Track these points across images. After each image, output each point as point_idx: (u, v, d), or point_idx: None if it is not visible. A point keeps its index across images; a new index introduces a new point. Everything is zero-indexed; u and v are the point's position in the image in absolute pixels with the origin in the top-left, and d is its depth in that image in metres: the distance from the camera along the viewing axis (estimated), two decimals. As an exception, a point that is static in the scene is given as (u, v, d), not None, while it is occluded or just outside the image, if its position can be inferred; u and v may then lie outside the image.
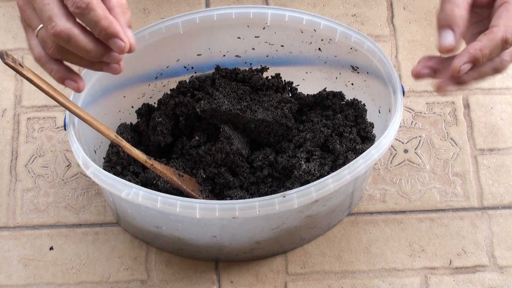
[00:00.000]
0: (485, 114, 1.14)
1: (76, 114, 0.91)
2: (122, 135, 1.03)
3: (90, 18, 0.79)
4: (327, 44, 1.03)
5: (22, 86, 1.15)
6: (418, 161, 1.11)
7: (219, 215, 0.89)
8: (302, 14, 1.01)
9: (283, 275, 1.04)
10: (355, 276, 1.04)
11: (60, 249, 1.05)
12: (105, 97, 1.01)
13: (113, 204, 1.00)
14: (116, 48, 0.81)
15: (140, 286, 1.03)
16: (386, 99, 0.99)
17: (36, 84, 0.87)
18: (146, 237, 1.03)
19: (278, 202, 0.89)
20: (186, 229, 0.97)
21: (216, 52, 1.05)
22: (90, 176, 0.91)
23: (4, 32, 1.19)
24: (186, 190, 0.97)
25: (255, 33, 1.03)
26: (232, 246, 1.00)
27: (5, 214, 1.07)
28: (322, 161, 1.00)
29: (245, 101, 1.03)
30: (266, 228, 0.97)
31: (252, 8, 1.01)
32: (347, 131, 1.02)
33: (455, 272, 1.04)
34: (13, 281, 1.03)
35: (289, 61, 1.07)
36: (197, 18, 1.00)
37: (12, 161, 1.10)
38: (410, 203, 1.08)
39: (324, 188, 0.90)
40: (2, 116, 1.13)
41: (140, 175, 1.02)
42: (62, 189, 1.09)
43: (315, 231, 1.03)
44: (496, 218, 1.08)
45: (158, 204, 0.89)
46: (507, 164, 1.11)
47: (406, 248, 1.06)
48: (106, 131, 0.92)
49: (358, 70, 1.04)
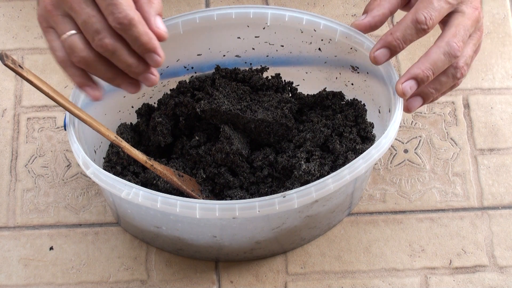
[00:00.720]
0: (485, 114, 1.14)
1: (76, 115, 0.91)
2: (122, 135, 1.03)
3: (131, 33, 0.83)
4: (327, 44, 1.03)
5: (22, 86, 1.15)
6: (418, 161, 1.11)
7: (219, 215, 0.89)
8: (302, 14, 1.01)
9: (283, 275, 1.04)
10: (355, 276, 1.04)
11: (60, 249, 1.05)
12: (105, 97, 1.00)
13: (113, 204, 1.00)
14: (152, 62, 0.85)
15: (140, 286, 1.03)
16: (386, 99, 0.99)
17: (36, 85, 0.87)
18: (146, 237, 1.03)
19: (278, 202, 0.89)
20: (186, 229, 0.97)
21: (216, 52, 1.05)
22: (90, 176, 0.91)
23: (4, 32, 1.19)
24: (186, 190, 0.97)
25: (255, 33, 1.03)
26: (232, 246, 1.01)
27: (5, 214, 1.07)
28: (322, 161, 1.00)
29: (245, 101, 1.03)
30: (266, 228, 0.97)
31: (252, 8, 1.01)
32: (347, 131, 1.02)
33: (455, 272, 1.04)
34: (13, 281, 1.03)
35: (289, 61, 1.07)
36: (197, 18, 1.00)
37: (12, 161, 1.10)
38: (410, 203, 1.08)
39: (324, 188, 0.90)
40: (2, 116, 1.13)
41: (140, 175, 1.02)
42: (62, 189, 1.09)
43: (315, 231, 1.03)
44: (496, 218, 1.08)
45: (158, 204, 0.89)
46: (507, 164, 1.11)
47: (406, 248, 1.06)
48: (106, 131, 0.92)
49: (358, 70, 1.04)
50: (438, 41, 0.93)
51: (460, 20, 0.94)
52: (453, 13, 0.95)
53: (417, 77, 0.92)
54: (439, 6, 0.93)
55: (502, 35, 1.20)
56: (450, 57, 0.93)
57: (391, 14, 0.98)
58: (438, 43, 0.93)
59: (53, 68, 1.16)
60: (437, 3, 0.93)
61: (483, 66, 1.18)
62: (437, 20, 0.93)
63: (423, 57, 0.93)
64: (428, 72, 0.92)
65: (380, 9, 0.97)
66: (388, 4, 0.97)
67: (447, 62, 0.93)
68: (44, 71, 1.16)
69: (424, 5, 0.93)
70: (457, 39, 0.93)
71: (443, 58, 0.92)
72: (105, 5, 0.82)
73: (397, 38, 0.93)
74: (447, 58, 0.93)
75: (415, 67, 0.93)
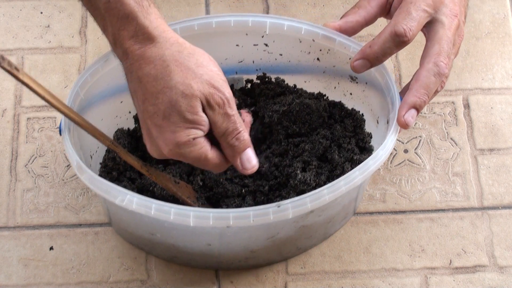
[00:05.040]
0: (485, 114, 1.14)
1: (72, 119, 0.90)
2: (119, 140, 1.03)
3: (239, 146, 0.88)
4: (326, 54, 1.03)
5: (22, 86, 1.15)
6: (418, 161, 1.11)
7: (213, 224, 0.89)
8: (300, 24, 1.01)
9: (283, 275, 1.04)
10: (355, 276, 1.04)
11: (60, 249, 1.05)
12: (102, 102, 1.01)
13: (108, 210, 1.00)
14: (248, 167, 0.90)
15: (140, 286, 1.03)
16: (384, 110, 0.99)
17: (32, 88, 0.87)
18: (140, 243, 1.03)
19: (272, 212, 0.89)
20: (181, 236, 0.96)
21: (215, 59, 1.05)
22: (85, 182, 0.91)
23: (4, 32, 1.19)
24: (182, 198, 0.97)
25: (254, 41, 1.03)
26: (227, 255, 1.00)
27: (5, 214, 1.07)
28: (318, 171, 1.00)
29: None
30: (261, 237, 0.96)
31: (251, 16, 1.01)
32: (346, 141, 1.02)
33: (455, 272, 1.04)
34: (13, 281, 1.03)
35: (288, 69, 1.07)
36: (196, 25, 1.00)
37: (12, 161, 1.10)
38: (410, 203, 1.08)
39: (320, 199, 0.90)
40: (2, 116, 1.13)
41: (136, 181, 1.01)
42: (62, 189, 1.09)
43: (311, 241, 1.03)
44: (496, 218, 1.08)
45: (152, 211, 0.89)
46: (507, 164, 1.11)
47: (406, 248, 1.06)
48: (102, 136, 0.92)
49: (356, 80, 1.04)
50: (425, 62, 0.95)
51: (441, 33, 0.95)
52: (433, 24, 0.96)
53: (416, 105, 0.94)
54: (418, 16, 0.94)
55: (502, 35, 1.20)
56: (440, 76, 0.94)
57: (367, 24, 0.99)
58: (425, 65, 0.94)
59: (53, 68, 1.16)
60: (415, 13, 0.94)
61: (483, 66, 1.18)
62: (417, 31, 0.94)
63: (416, 84, 0.94)
64: (424, 97, 0.94)
65: (355, 16, 0.98)
66: (364, 13, 0.98)
67: (439, 82, 0.95)
68: (44, 71, 1.16)
69: (403, 17, 0.94)
70: (443, 56, 0.94)
71: (434, 80, 0.94)
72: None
73: (375, 52, 0.95)
74: (438, 78, 0.94)
75: (411, 96, 0.94)
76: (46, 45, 1.18)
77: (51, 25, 1.20)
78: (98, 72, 0.97)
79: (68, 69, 1.16)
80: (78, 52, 1.18)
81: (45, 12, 1.21)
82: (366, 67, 0.96)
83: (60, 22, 1.20)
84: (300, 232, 0.98)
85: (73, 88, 0.96)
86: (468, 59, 1.18)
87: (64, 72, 1.16)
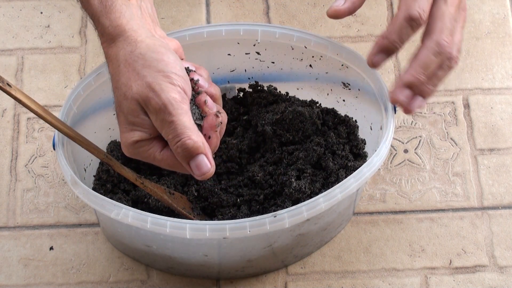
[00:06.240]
0: (485, 114, 1.14)
1: (65, 133, 0.90)
2: (113, 152, 1.03)
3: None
4: (318, 60, 1.03)
5: (22, 86, 1.15)
6: (418, 161, 1.11)
7: (210, 236, 0.89)
8: (292, 31, 1.01)
9: (283, 275, 1.04)
10: (355, 276, 1.04)
11: (60, 249, 1.05)
12: (95, 115, 1.01)
13: (103, 223, 1.00)
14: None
15: (140, 286, 1.03)
16: (378, 116, 0.98)
17: (25, 104, 0.87)
18: (136, 255, 1.03)
19: (269, 222, 0.89)
20: (177, 248, 0.96)
21: (207, 68, 1.05)
22: (80, 196, 0.91)
23: (4, 32, 1.19)
24: (177, 209, 0.97)
25: (245, 50, 1.03)
26: (224, 265, 1.00)
27: (5, 214, 1.07)
28: (313, 178, 0.99)
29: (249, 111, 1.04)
30: (258, 246, 0.96)
31: (242, 25, 1.01)
32: (340, 148, 1.02)
33: (455, 272, 1.04)
34: (13, 281, 1.03)
35: (280, 77, 1.06)
36: (187, 35, 1.00)
37: (12, 161, 1.10)
38: (410, 203, 1.08)
39: (315, 208, 0.90)
40: (2, 116, 1.13)
41: (131, 193, 1.01)
42: (62, 189, 1.09)
43: (307, 249, 1.03)
44: (496, 218, 1.08)
45: (148, 224, 0.89)
46: (507, 164, 1.11)
47: (406, 248, 1.06)
48: (96, 150, 0.92)
49: (349, 87, 1.04)
50: (426, 40, 0.90)
51: (444, 9, 0.91)
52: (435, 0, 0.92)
53: (411, 84, 0.90)
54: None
55: (502, 35, 1.20)
56: (442, 55, 0.90)
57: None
58: (426, 43, 0.90)
59: (52, 68, 1.16)
60: None
61: (483, 66, 1.18)
62: (428, 11, 0.90)
63: (414, 61, 0.90)
64: (421, 76, 0.89)
65: None
66: None
67: (439, 62, 0.90)
68: (44, 71, 1.16)
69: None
70: (445, 34, 0.90)
71: (434, 59, 0.89)
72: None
73: (393, 41, 0.90)
74: (439, 58, 0.90)
75: (407, 74, 0.90)
76: (46, 45, 1.18)
77: (51, 25, 1.20)
78: (91, 86, 0.97)
79: (68, 69, 1.16)
80: (78, 52, 1.18)
81: (45, 12, 1.21)
82: (384, 60, 0.91)
83: (60, 22, 1.20)
84: (296, 240, 0.97)
85: (66, 102, 0.96)
86: (468, 59, 1.18)
87: (64, 72, 1.16)
